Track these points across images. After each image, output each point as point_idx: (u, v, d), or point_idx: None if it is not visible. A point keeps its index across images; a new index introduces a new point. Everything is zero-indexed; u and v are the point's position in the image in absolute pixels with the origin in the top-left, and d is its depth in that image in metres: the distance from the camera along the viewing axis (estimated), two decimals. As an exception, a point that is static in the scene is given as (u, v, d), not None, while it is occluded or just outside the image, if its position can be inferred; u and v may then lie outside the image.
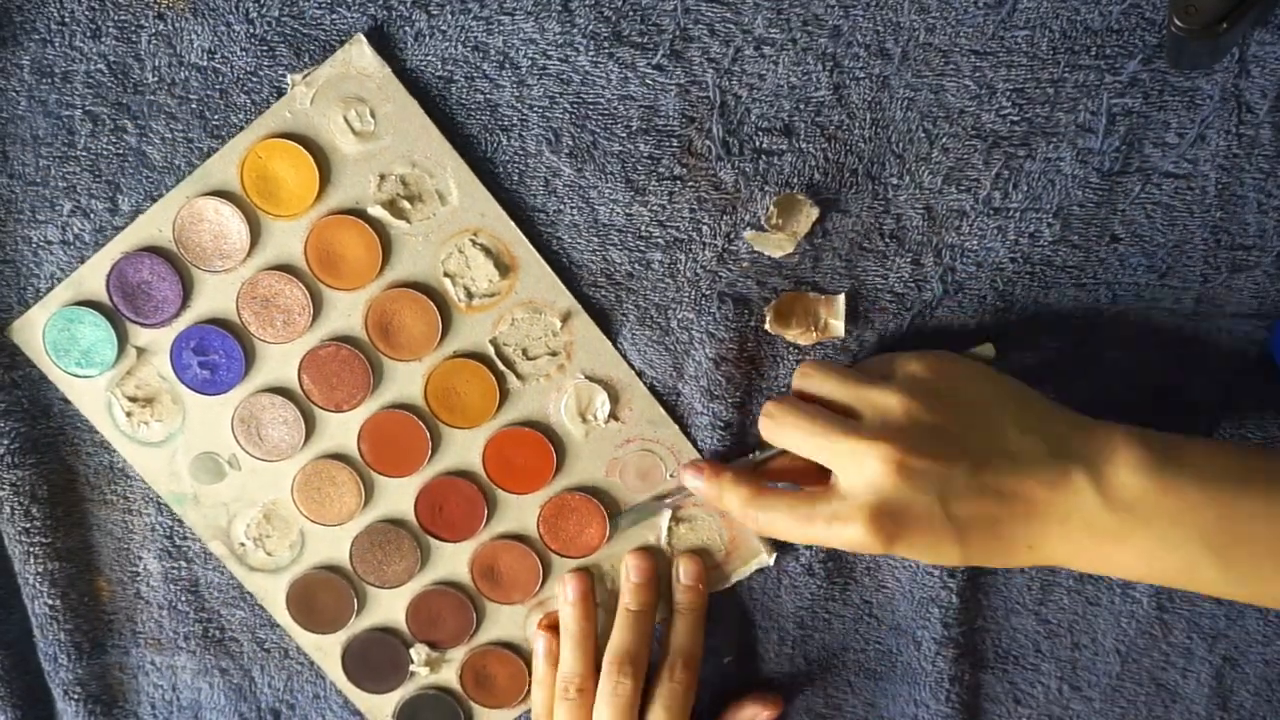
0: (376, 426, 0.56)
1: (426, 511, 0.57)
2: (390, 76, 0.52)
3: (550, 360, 0.55)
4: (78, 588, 0.59)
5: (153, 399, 0.56)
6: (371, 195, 0.53)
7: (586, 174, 0.52)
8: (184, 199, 0.53)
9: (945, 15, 0.49)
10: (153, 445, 0.57)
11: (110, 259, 0.54)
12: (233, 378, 0.56)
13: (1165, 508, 0.43)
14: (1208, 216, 0.50)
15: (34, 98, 0.53)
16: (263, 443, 0.57)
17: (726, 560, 0.57)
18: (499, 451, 0.56)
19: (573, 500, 0.56)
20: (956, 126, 0.50)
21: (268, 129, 0.53)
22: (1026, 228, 0.51)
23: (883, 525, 0.44)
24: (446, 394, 0.55)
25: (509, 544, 0.57)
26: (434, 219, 0.53)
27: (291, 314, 0.55)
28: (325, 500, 0.57)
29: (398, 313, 0.54)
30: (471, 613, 0.58)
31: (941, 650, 0.56)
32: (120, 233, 0.54)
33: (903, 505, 0.44)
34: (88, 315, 0.55)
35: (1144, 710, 0.57)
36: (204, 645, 0.60)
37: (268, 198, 0.53)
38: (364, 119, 0.52)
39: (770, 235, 0.52)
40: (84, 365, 0.56)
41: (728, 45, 0.50)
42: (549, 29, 0.51)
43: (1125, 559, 0.44)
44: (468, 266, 0.54)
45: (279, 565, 0.58)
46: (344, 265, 0.54)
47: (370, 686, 0.60)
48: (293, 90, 0.52)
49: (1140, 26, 0.48)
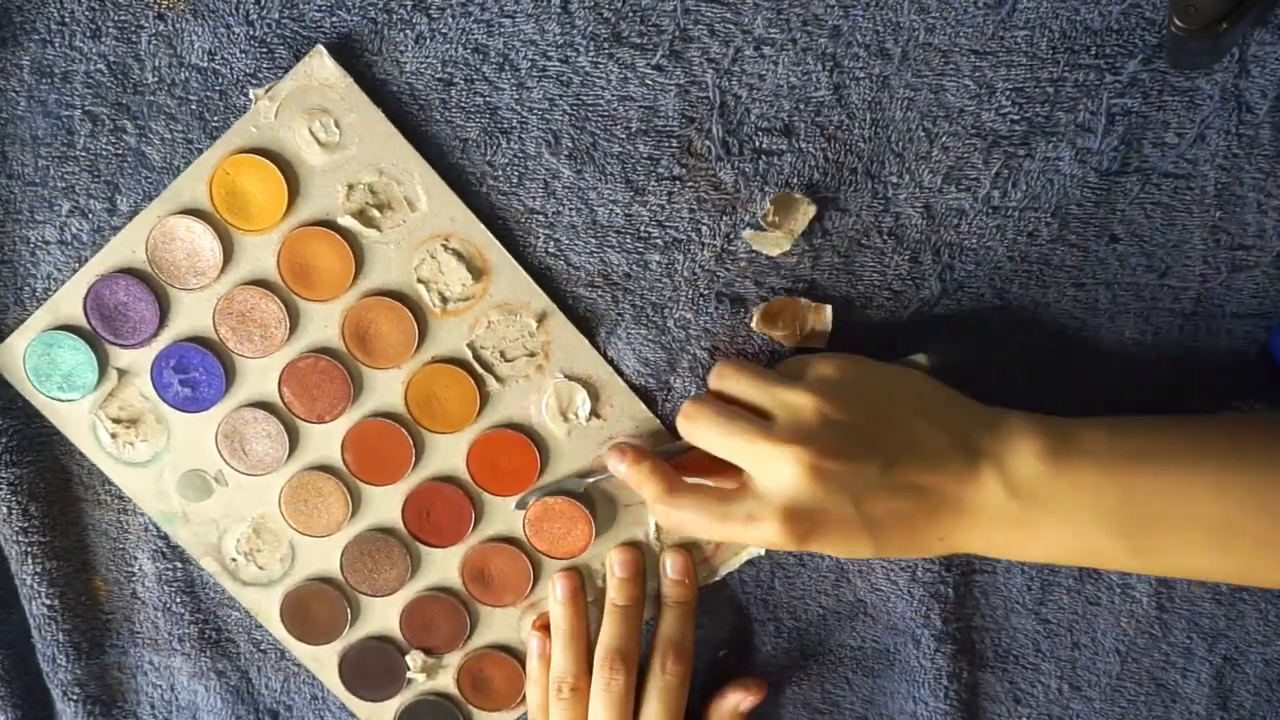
0: (359, 436, 0.56)
1: (414, 518, 0.57)
2: (352, 86, 0.52)
3: (529, 361, 0.55)
4: (75, 588, 0.59)
5: (136, 419, 0.57)
6: (341, 205, 0.53)
7: (586, 175, 0.52)
8: (155, 219, 0.54)
9: (945, 15, 0.49)
10: (139, 465, 0.57)
11: (86, 282, 0.55)
12: (214, 394, 0.56)
13: (1065, 493, 0.45)
14: (1207, 216, 0.50)
15: (34, 98, 0.53)
16: (248, 457, 0.57)
17: (715, 553, 0.56)
18: (482, 455, 0.56)
19: (557, 504, 0.56)
20: (956, 126, 0.50)
21: (234, 145, 0.53)
22: (1025, 227, 0.51)
23: (796, 525, 0.45)
24: (427, 400, 0.55)
25: (498, 547, 0.57)
26: (404, 226, 0.53)
27: (268, 328, 0.55)
28: (313, 512, 0.57)
29: (374, 321, 0.54)
30: (465, 617, 0.58)
31: (940, 648, 0.56)
32: (95, 255, 0.54)
33: (816, 506, 0.45)
34: (67, 339, 0.55)
35: (1144, 710, 0.57)
36: (200, 646, 0.60)
37: (238, 213, 0.53)
38: (329, 130, 0.52)
39: (768, 234, 0.52)
40: (66, 389, 0.56)
41: (727, 45, 0.50)
42: (549, 30, 0.51)
43: (1033, 545, 0.46)
44: (441, 272, 0.54)
45: (271, 579, 0.58)
46: (317, 276, 0.54)
47: (368, 695, 0.60)
48: (256, 105, 0.52)
49: (1140, 26, 0.48)
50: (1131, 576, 0.55)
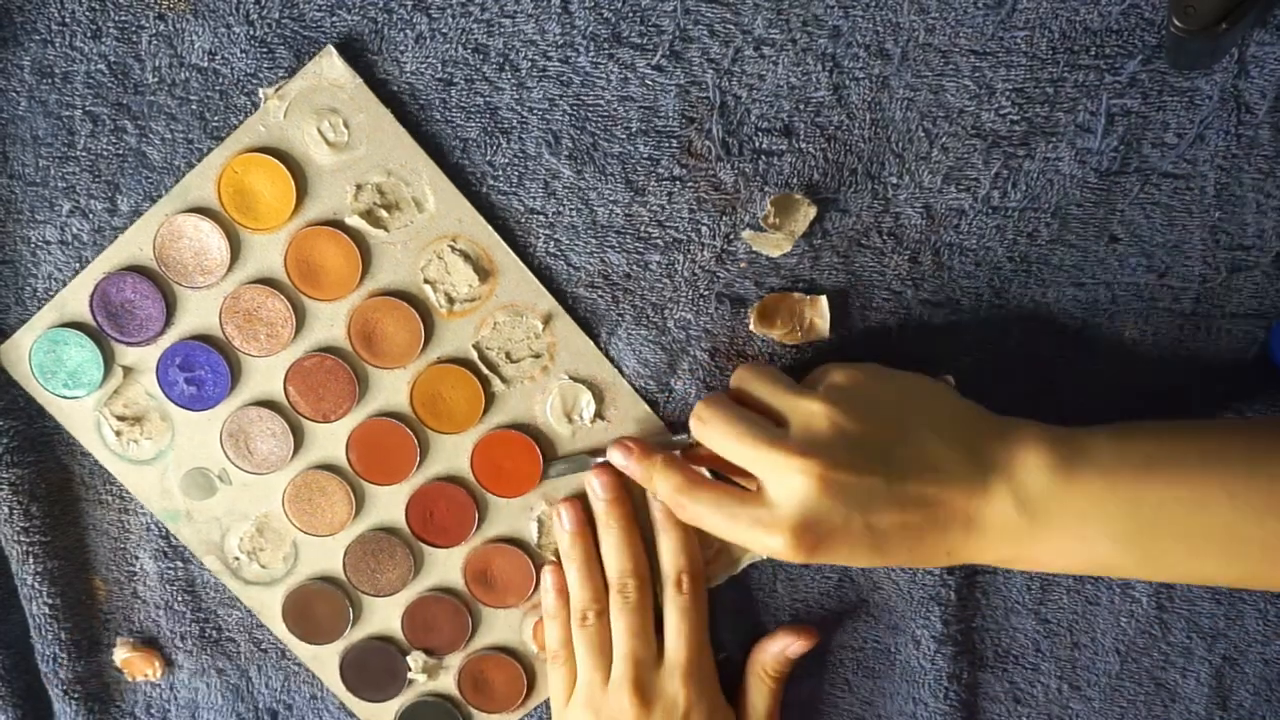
0: (364, 435, 0.56)
1: (418, 518, 0.57)
2: (361, 86, 0.52)
3: (534, 362, 0.55)
4: (75, 587, 0.59)
5: (141, 417, 0.57)
6: (348, 205, 0.53)
7: (586, 176, 0.52)
8: (163, 217, 0.54)
9: (945, 15, 0.49)
10: (143, 463, 0.57)
11: (93, 279, 0.55)
12: (219, 393, 0.56)
13: (1073, 504, 0.44)
14: (1206, 217, 0.50)
15: (34, 98, 0.53)
16: (252, 456, 0.57)
17: (715, 559, 0.56)
18: (487, 455, 0.56)
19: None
20: (956, 126, 0.50)
21: (242, 144, 0.53)
22: (1025, 227, 0.51)
23: (805, 539, 0.45)
24: (432, 400, 0.55)
25: (501, 548, 0.57)
26: (412, 226, 0.53)
27: (275, 326, 0.55)
28: (316, 511, 0.57)
29: (380, 321, 0.54)
30: (467, 618, 0.58)
31: (940, 649, 0.56)
32: (102, 252, 0.54)
33: (825, 518, 0.45)
34: (73, 336, 0.55)
35: (1143, 710, 0.57)
36: (200, 645, 0.60)
37: (245, 212, 0.53)
38: (337, 130, 0.52)
39: (768, 235, 0.52)
40: (71, 386, 0.56)
41: (727, 46, 0.50)
42: (549, 31, 0.51)
43: (1041, 556, 0.46)
44: (447, 272, 0.54)
45: (274, 578, 0.58)
46: (324, 276, 0.54)
47: (369, 695, 0.59)
48: (266, 104, 0.52)
49: (1140, 26, 0.48)
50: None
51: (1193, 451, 0.45)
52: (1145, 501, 0.44)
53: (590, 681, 0.55)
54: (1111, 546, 0.45)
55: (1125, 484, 0.44)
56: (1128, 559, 0.45)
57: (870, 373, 0.49)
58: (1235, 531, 0.43)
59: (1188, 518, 0.44)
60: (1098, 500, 0.44)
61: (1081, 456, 0.45)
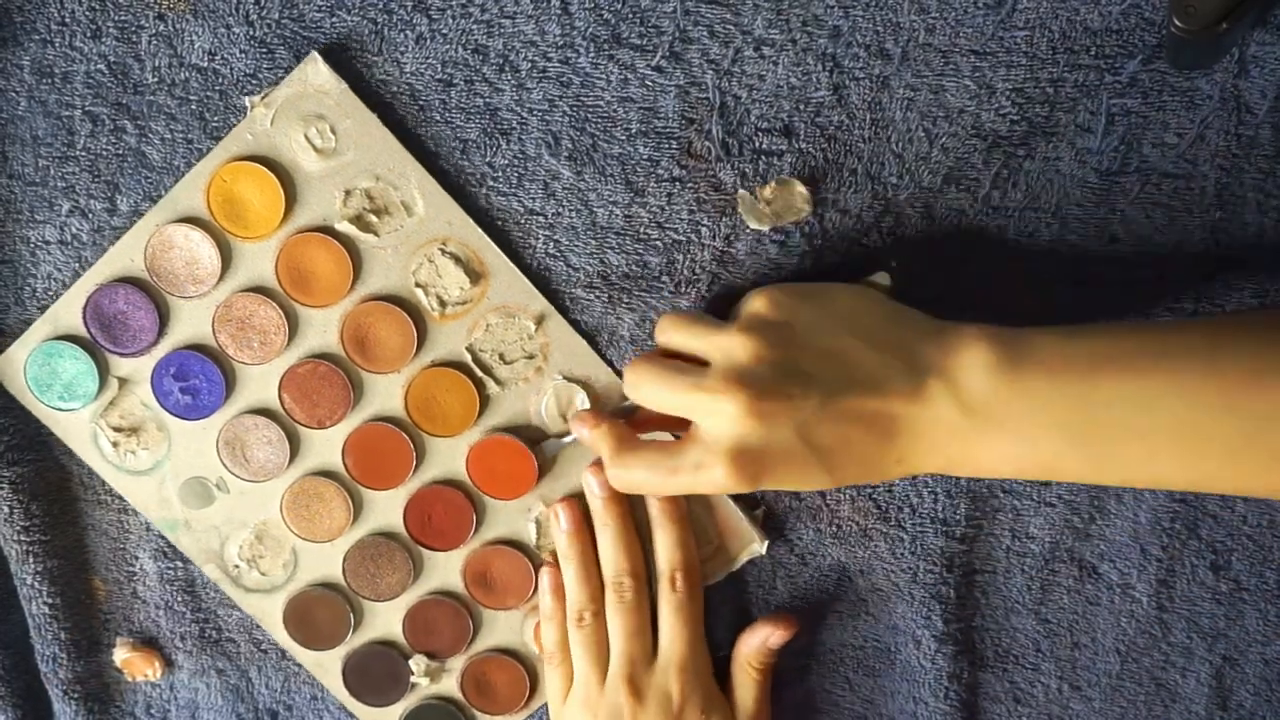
0: (360, 440, 0.56)
1: (416, 522, 0.57)
2: (347, 91, 0.52)
3: (528, 363, 0.55)
4: (74, 587, 0.59)
5: (138, 428, 0.57)
6: (338, 211, 0.53)
7: (586, 177, 0.52)
8: (153, 227, 0.54)
9: (945, 15, 0.49)
10: (141, 473, 0.57)
11: (85, 292, 0.55)
12: (214, 401, 0.56)
13: (1016, 404, 0.43)
14: (1207, 216, 0.50)
15: (34, 98, 0.53)
16: (249, 464, 0.57)
17: (714, 556, 0.56)
18: (483, 458, 0.56)
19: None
20: (956, 126, 0.50)
21: (230, 152, 0.53)
22: (1025, 227, 0.51)
23: (744, 466, 0.45)
24: (427, 404, 0.55)
25: (500, 550, 0.57)
26: (402, 230, 0.53)
27: (267, 334, 0.55)
28: (315, 517, 0.57)
29: (373, 326, 0.55)
30: (468, 620, 0.58)
31: (941, 648, 0.56)
32: (94, 265, 0.54)
33: (760, 444, 0.44)
34: (67, 349, 0.55)
35: (1144, 710, 0.57)
36: (200, 645, 0.60)
37: (235, 220, 0.54)
38: (325, 136, 0.53)
39: (759, 207, 0.51)
40: (67, 399, 0.56)
41: (727, 46, 0.50)
42: (549, 32, 0.51)
43: (990, 459, 0.45)
44: (439, 275, 0.54)
45: (274, 585, 0.59)
46: (316, 282, 0.54)
47: (373, 700, 0.59)
48: (252, 112, 0.52)
49: (1140, 26, 0.48)
50: (1131, 576, 0.55)
51: (1146, 348, 0.43)
52: (1094, 400, 0.42)
53: (586, 681, 0.55)
54: (1059, 447, 0.43)
55: (1072, 381, 0.43)
56: (1077, 461, 0.43)
57: (789, 292, 0.48)
58: (1193, 430, 0.41)
59: (1140, 416, 0.42)
60: (1043, 399, 0.43)
61: (1025, 354, 0.43)
